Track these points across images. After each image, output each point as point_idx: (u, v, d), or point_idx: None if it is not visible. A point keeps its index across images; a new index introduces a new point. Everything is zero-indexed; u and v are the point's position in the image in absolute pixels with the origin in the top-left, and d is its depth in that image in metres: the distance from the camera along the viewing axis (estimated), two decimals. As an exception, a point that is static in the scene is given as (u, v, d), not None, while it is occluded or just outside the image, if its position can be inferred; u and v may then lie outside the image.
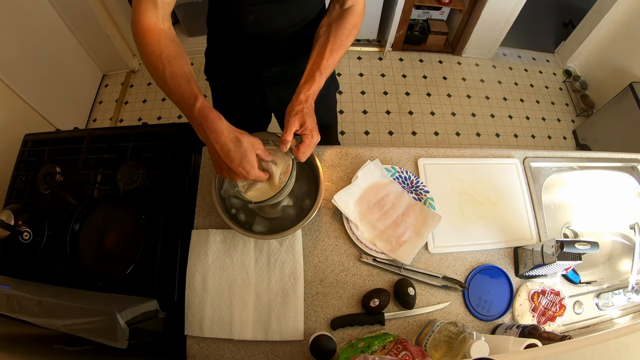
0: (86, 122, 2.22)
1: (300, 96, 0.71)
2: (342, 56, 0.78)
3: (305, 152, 0.70)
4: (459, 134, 2.39)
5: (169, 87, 0.63)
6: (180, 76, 0.62)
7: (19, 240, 0.84)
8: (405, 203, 0.95)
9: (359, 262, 0.90)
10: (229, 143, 0.63)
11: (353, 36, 0.79)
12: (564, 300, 0.89)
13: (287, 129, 0.68)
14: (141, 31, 0.64)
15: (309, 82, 0.72)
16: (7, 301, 0.67)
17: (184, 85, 0.62)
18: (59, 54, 1.94)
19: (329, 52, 0.74)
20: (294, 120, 0.68)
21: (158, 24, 0.66)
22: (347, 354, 0.72)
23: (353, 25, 0.78)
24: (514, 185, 1.04)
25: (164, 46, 0.64)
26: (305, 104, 0.70)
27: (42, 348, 0.75)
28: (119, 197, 0.90)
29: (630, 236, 1.12)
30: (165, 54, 0.63)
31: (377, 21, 2.52)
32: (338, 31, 0.76)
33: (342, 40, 0.76)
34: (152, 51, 0.64)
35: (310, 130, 0.69)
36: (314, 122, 0.71)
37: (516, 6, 2.32)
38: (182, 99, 0.62)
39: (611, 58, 2.50)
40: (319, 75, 0.72)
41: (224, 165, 0.65)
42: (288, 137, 0.68)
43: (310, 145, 0.70)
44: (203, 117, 0.62)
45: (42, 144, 1.02)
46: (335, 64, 0.76)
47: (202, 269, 0.86)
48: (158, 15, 0.66)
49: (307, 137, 0.69)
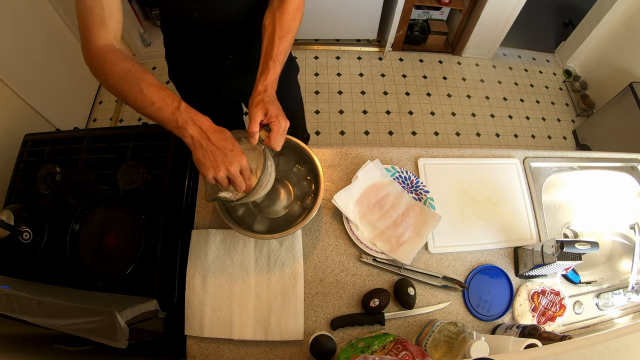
0: (86, 122, 2.22)
1: (259, 87, 0.72)
2: (292, 40, 0.79)
3: (276, 139, 0.69)
4: (459, 134, 2.39)
5: (148, 97, 0.63)
6: (156, 85, 0.64)
7: (19, 240, 0.84)
8: (405, 203, 0.95)
9: (359, 262, 0.90)
10: (217, 129, 0.64)
11: (298, 19, 0.80)
12: (564, 300, 0.89)
13: (251, 121, 0.68)
14: (101, 52, 0.65)
15: (265, 73, 0.73)
16: (7, 301, 0.67)
17: (162, 92, 0.64)
18: (59, 54, 1.94)
19: (278, 40, 0.75)
20: (257, 111, 0.68)
21: (114, 44, 0.68)
22: (347, 354, 0.72)
23: (295, 8, 0.79)
24: (514, 185, 1.04)
25: (129, 64, 0.65)
26: (264, 93, 0.71)
27: (42, 348, 0.75)
28: (119, 197, 0.90)
29: (630, 236, 1.12)
30: (133, 70, 0.65)
31: (377, 21, 2.52)
32: (282, 17, 0.77)
33: (288, 25, 0.77)
34: (120, 69, 0.65)
35: (275, 117, 0.69)
36: (277, 109, 0.71)
37: (516, 6, 2.32)
38: (164, 104, 0.63)
39: (611, 58, 2.50)
40: (273, 64, 0.73)
41: (218, 152, 0.63)
42: (254, 129, 0.68)
43: (280, 131, 0.70)
44: (192, 113, 0.64)
45: (42, 144, 1.02)
46: (287, 49, 0.77)
47: (202, 269, 0.86)
48: (110, 37, 0.67)
49: (274, 123, 0.69)
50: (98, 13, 0.65)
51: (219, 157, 0.63)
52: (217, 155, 0.63)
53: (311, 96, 2.41)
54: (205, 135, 0.63)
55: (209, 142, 0.63)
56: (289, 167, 0.93)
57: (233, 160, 0.63)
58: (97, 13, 0.65)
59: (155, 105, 0.63)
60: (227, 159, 0.63)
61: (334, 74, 2.52)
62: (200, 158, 0.63)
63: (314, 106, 2.37)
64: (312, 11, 2.37)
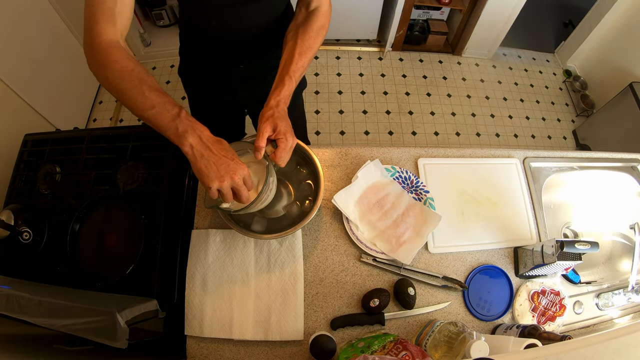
0: (86, 122, 2.22)
1: (271, 102, 0.71)
2: (311, 58, 0.79)
3: (282, 156, 0.69)
4: (459, 134, 2.39)
5: (149, 100, 0.61)
6: (158, 90, 0.63)
7: (19, 240, 0.84)
8: (405, 203, 0.95)
9: (359, 262, 0.90)
10: (216, 139, 0.63)
11: (321, 37, 0.80)
12: (564, 300, 0.89)
13: (259, 136, 0.67)
14: (105, 47, 0.63)
15: (279, 87, 0.72)
16: (7, 301, 0.67)
17: (164, 97, 0.62)
18: (59, 54, 1.94)
19: (298, 56, 0.75)
20: (266, 126, 0.67)
21: (120, 42, 0.65)
22: (347, 354, 0.72)
23: (320, 27, 0.80)
24: (514, 185, 1.04)
25: (133, 63, 0.63)
26: (276, 108, 0.70)
27: (42, 348, 0.75)
28: (119, 197, 0.90)
29: (630, 236, 1.12)
30: (137, 70, 0.63)
31: (377, 21, 2.52)
32: (305, 34, 0.78)
33: (309, 42, 0.77)
34: (123, 67, 0.62)
35: (284, 134, 0.68)
36: (287, 125, 0.70)
37: (516, 6, 2.32)
38: (164, 110, 0.61)
39: (611, 58, 2.50)
40: (289, 80, 0.73)
41: (221, 163, 0.62)
42: (261, 144, 0.67)
43: (287, 149, 0.69)
44: (192, 120, 0.62)
45: (42, 144, 1.02)
46: (304, 67, 0.77)
47: (202, 269, 0.86)
48: (117, 33, 0.65)
49: (281, 140, 0.69)
50: (109, 7, 0.63)
51: (222, 167, 0.61)
52: (220, 165, 0.60)
53: (311, 96, 2.41)
54: (206, 145, 0.61)
55: (210, 152, 0.61)
56: (290, 167, 0.93)
57: (237, 170, 0.61)
58: (109, 6, 0.63)
59: (156, 110, 0.61)
60: (230, 168, 0.61)
61: (334, 74, 2.52)
62: (203, 169, 0.60)
63: (314, 106, 2.37)
64: (312, 11, 2.38)
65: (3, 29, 1.57)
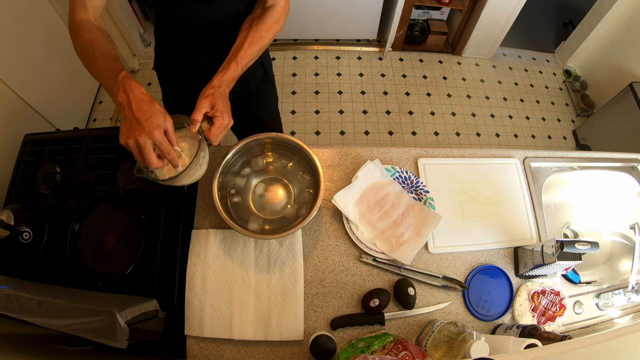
0: (86, 122, 2.22)
1: (214, 82, 0.73)
2: (261, 48, 0.82)
3: (216, 133, 0.71)
4: (459, 134, 2.39)
5: (98, 65, 0.68)
6: (109, 57, 0.68)
7: (19, 240, 0.84)
8: (405, 203, 0.95)
9: (359, 262, 0.90)
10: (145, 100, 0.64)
11: (274, 31, 0.84)
12: (564, 300, 0.89)
13: (196, 110, 0.69)
14: (75, 27, 0.72)
15: (224, 70, 0.75)
16: (7, 301, 0.67)
17: (111, 63, 0.67)
18: (59, 54, 1.94)
19: (248, 44, 0.79)
20: (204, 102, 0.69)
21: (90, 20, 0.73)
22: (347, 354, 0.72)
23: (274, 21, 0.83)
24: (514, 185, 1.04)
25: (94, 35, 0.71)
26: (217, 88, 0.72)
27: (42, 348, 0.75)
28: (119, 197, 0.90)
29: (630, 236, 1.12)
30: (95, 41, 0.70)
31: (377, 21, 2.52)
32: (259, 26, 0.81)
33: (261, 34, 0.81)
34: (84, 40, 0.70)
35: (220, 112, 0.70)
36: (225, 105, 0.72)
37: (516, 6, 2.32)
38: (108, 73, 0.66)
39: (611, 58, 2.50)
40: (235, 64, 0.76)
41: (134, 121, 0.63)
42: (197, 117, 0.68)
43: (221, 127, 0.71)
44: (126, 81, 0.65)
45: (42, 144, 1.02)
46: (253, 56, 0.80)
47: (202, 269, 0.86)
48: (89, 15, 0.73)
49: (217, 118, 0.71)
50: None
51: (133, 126, 0.63)
52: (131, 123, 0.63)
53: (311, 96, 2.41)
54: (128, 104, 0.63)
55: (130, 110, 0.63)
56: (289, 167, 0.93)
57: (143, 132, 0.62)
58: None
59: (102, 73, 0.67)
60: (138, 128, 0.62)
61: (334, 74, 2.52)
62: (121, 126, 0.65)
63: (314, 106, 2.37)
64: (312, 11, 2.38)
65: (3, 29, 1.57)
